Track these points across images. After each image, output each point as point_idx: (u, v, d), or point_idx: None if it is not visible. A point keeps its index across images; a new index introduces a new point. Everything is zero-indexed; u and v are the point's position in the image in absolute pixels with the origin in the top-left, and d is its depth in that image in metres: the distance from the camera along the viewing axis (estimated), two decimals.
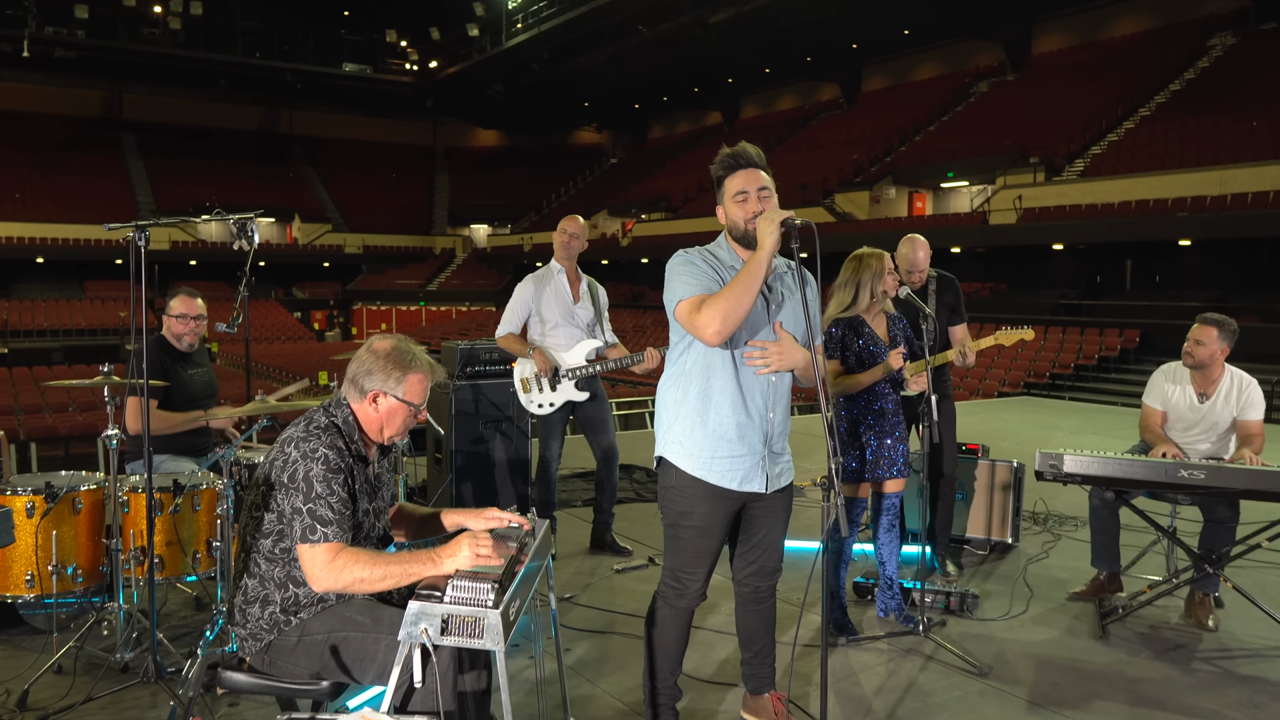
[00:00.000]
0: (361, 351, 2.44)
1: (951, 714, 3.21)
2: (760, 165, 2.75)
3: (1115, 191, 22.23)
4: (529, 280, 4.92)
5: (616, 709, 3.23)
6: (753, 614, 3.01)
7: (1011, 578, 4.69)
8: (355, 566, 2.24)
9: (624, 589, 4.50)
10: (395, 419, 2.43)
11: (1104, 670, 3.60)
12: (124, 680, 3.32)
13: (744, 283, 2.58)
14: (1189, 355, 4.25)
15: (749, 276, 2.59)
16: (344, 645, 2.29)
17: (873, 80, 39.43)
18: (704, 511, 2.74)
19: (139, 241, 3.08)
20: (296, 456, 2.29)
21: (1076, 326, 20.99)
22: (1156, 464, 3.79)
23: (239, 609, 2.39)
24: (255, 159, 47.97)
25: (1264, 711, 3.26)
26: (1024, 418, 10.71)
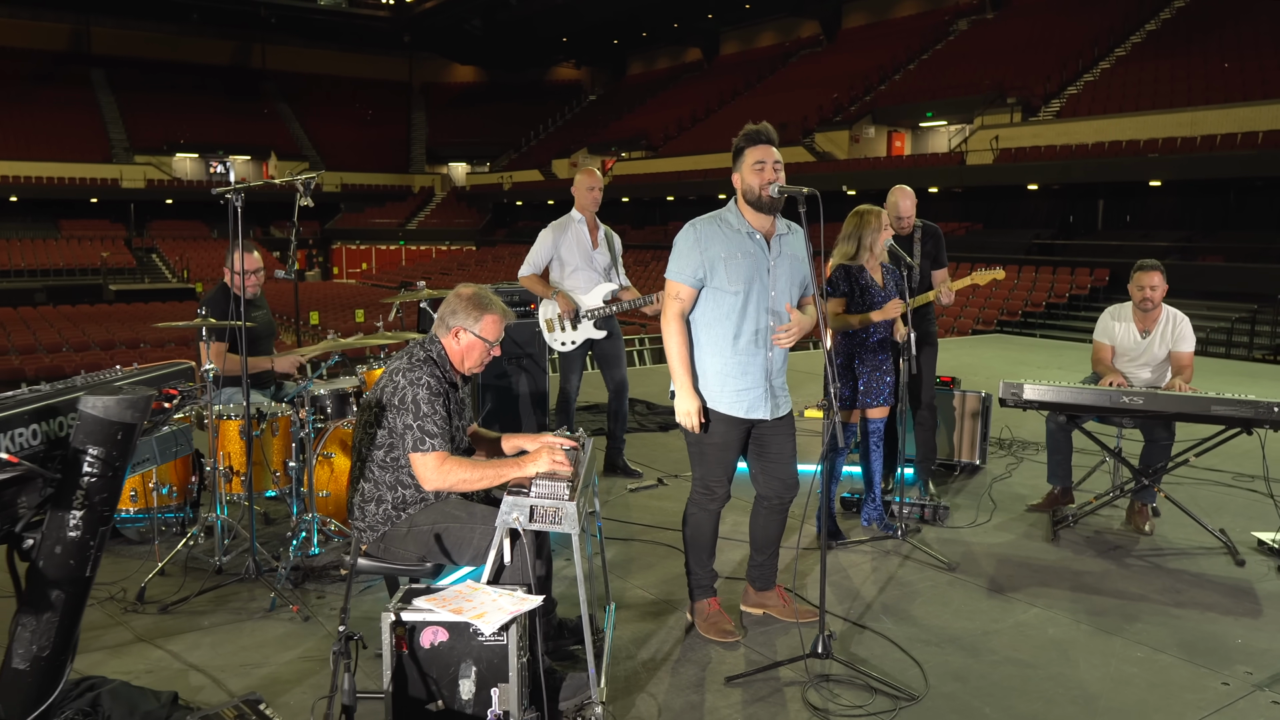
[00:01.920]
0: (450, 296, 2.98)
1: (925, 599, 3.84)
2: (775, 143, 3.28)
3: (1089, 132, 22.73)
4: (552, 227, 5.41)
5: (645, 598, 3.84)
6: (772, 523, 3.56)
7: (978, 493, 5.34)
8: (458, 470, 2.80)
9: (639, 505, 5.09)
10: (473, 352, 2.97)
11: (1052, 565, 4.25)
12: (222, 579, 3.88)
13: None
14: (1149, 301, 4.82)
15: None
16: (445, 533, 2.87)
17: (853, 17, 39.36)
18: (721, 432, 3.32)
19: (236, 203, 3.56)
20: (404, 384, 2.84)
21: (1049, 266, 21.66)
22: (1102, 391, 4.40)
23: (357, 507, 2.95)
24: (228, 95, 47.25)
25: (1183, 595, 3.92)
26: (995, 353, 11.37)
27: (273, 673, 3.16)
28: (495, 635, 2.45)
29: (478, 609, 2.50)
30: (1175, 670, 3.26)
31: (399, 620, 2.46)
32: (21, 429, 1.80)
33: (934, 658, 3.32)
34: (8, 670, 2.00)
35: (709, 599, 3.50)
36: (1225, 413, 4.21)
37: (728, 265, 3.25)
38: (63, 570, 1.93)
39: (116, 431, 1.88)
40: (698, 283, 3.29)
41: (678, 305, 3.32)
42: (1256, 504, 5.13)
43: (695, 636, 3.46)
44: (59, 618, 1.98)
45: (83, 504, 1.89)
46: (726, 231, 3.31)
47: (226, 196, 3.59)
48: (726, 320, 3.28)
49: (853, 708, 2.97)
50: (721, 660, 3.29)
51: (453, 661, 2.48)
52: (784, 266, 3.34)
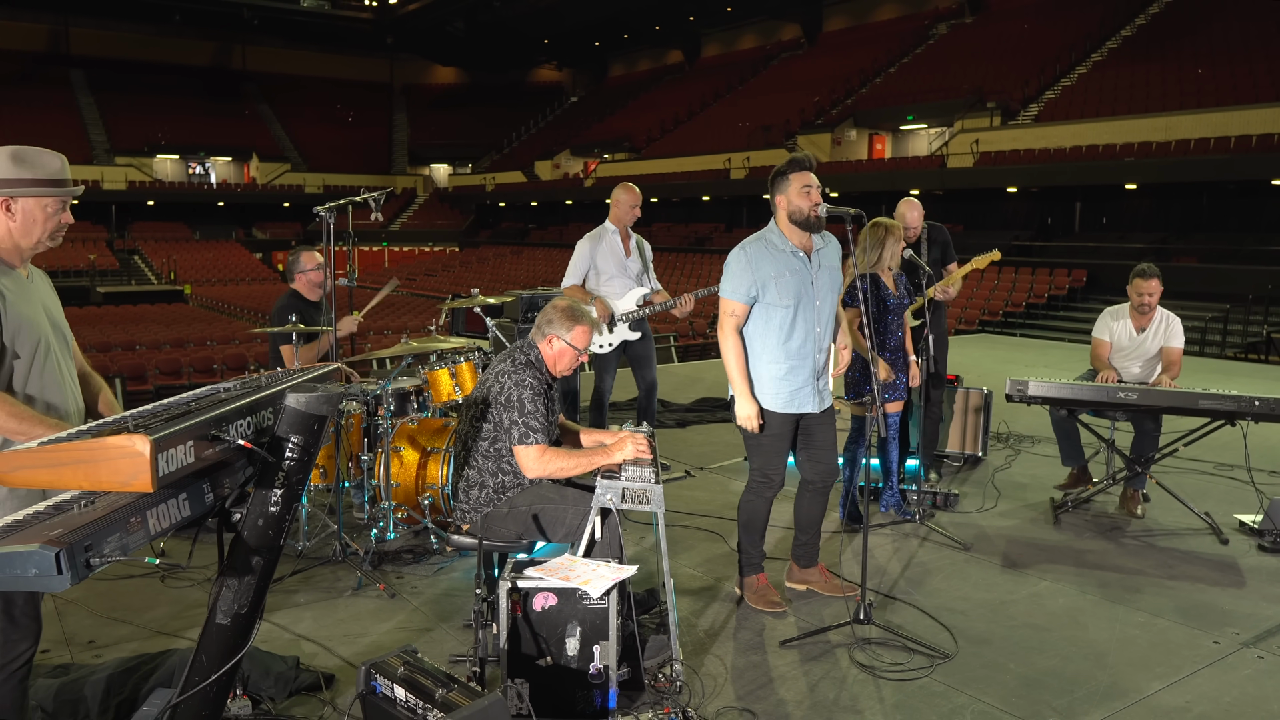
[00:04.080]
0: (548, 306, 3.36)
1: (945, 575, 4.26)
2: (815, 169, 3.69)
3: (1067, 136, 23.36)
4: (587, 238, 5.79)
5: (695, 576, 4.24)
6: (816, 505, 3.97)
7: (982, 482, 5.77)
8: (556, 459, 3.19)
9: (671, 495, 5.48)
10: (564, 358, 3.36)
11: (1057, 545, 4.69)
12: (307, 562, 4.24)
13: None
14: (1147, 306, 5.27)
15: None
16: (542, 513, 3.25)
17: (833, 20, 39.92)
18: (776, 424, 3.73)
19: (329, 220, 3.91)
20: (510, 384, 3.22)
21: (1028, 267, 22.26)
22: (1100, 387, 4.85)
23: (463, 490, 3.32)
24: (209, 96, 47.15)
25: (1175, 569, 4.37)
26: (985, 352, 11.86)
27: (375, 641, 3.52)
28: (599, 599, 2.83)
29: (583, 576, 2.88)
30: (1173, 632, 3.69)
31: (515, 587, 2.84)
32: (240, 420, 2.16)
33: (960, 623, 3.74)
34: (211, 625, 2.36)
35: (758, 574, 3.90)
36: (1211, 406, 4.67)
37: (778, 283, 3.65)
38: (263, 539, 2.29)
39: (313, 423, 2.25)
40: (750, 300, 3.68)
41: (733, 321, 3.71)
42: (1237, 490, 5.60)
43: (745, 608, 3.86)
44: (256, 580, 2.34)
45: (283, 483, 2.25)
46: (773, 252, 3.70)
47: (321, 213, 3.95)
48: (779, 331, 3.68)
49: (895, 664, 3.38)
50: (773, 628, 3.69)
51: (561, 622, 2.86)
52: (825, 278, 3.75)
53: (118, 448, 1.87)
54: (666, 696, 3.04)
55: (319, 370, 2.60)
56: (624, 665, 3.00)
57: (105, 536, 1.83)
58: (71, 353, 2.66)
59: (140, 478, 1.88)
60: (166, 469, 1.93)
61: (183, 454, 1.99)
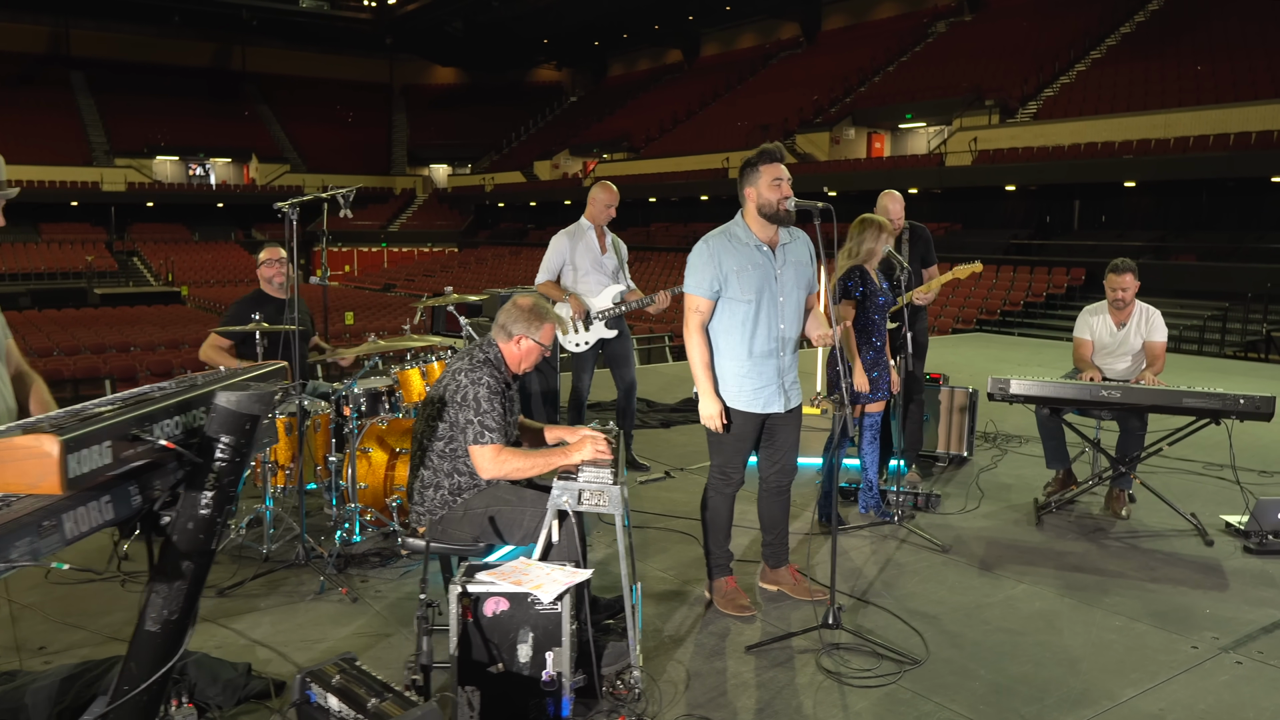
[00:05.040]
0: (509, 305, 3.29)
1: (921, 578, 4.18)
2: (785, 160, 3.61)
3: (1065, 134, 23.26)
4: (564, 234, 5.72)
5: (665, 579, 4.16)
6: (776, 504, 3.90)
7: (966, 483, 5.69)
8: (513, 459, 3.11)
9: (649, 496, 5.41)
10: (530, 356, 3.29)
11: (1037, 547, 4.61)
12: (271, 566, 4.16)
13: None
14: (1121, 301, 5.20)
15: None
16: (499, 516, 3.17)
17: (832, 19, 39.86)
18: (739, 424, 3.65)
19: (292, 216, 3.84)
20: (466, 383, 3.14)
21: (1027, 265, 22.16)
22: (1083, 385, 4.76)
23: (417, 492, 3.25)
24: (208, 97, 47.14)
25: (1157, 571, 4.28)
26: (977, 351, 11.76)
27: (332, 646, 3.44)
28: (551, 604, 2.75)
29: (535, 581, 2.80)
30: (1150, 636, 3.61)
31: (465, 592, 2.76)
32: (167, 420, 2.09)
33: (932, 628, 3.65)
34: (141, 632, 2.28)
35: (726, 577, 3.82)
36: (1196, 404, 4.58)
37: (740, 277, 3.57)
38: (193, 543, 2.21)
39: (245, 422, 2.17)
40: (714, 295, 3.61)
41: (698, 318, 3.63)
42: (1224, 490, 5.51)
43: (714, 612, 3.78)
44: (187, 586, 2.26)
45: (214, 485, 2.17)
46: (736, 245, 3.62)
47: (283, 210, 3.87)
48: (742, 327, 3.60)
49: (862, 671, 3.30)
50: (740, 632, 3.61)
51: (512, 628, 2.78)
52: (790, 273, 3.66)
53: (24, 448, 1.80)
54: (623, 704, 2.96)
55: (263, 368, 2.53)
56: (580, 672, 2.93)
57: (14, 540, 1.76)
58: (4, 352, 2.58)
59: (48, 480, 1.81)
60: (79, 470, 1.85)
61: (98, 455, 1.91)
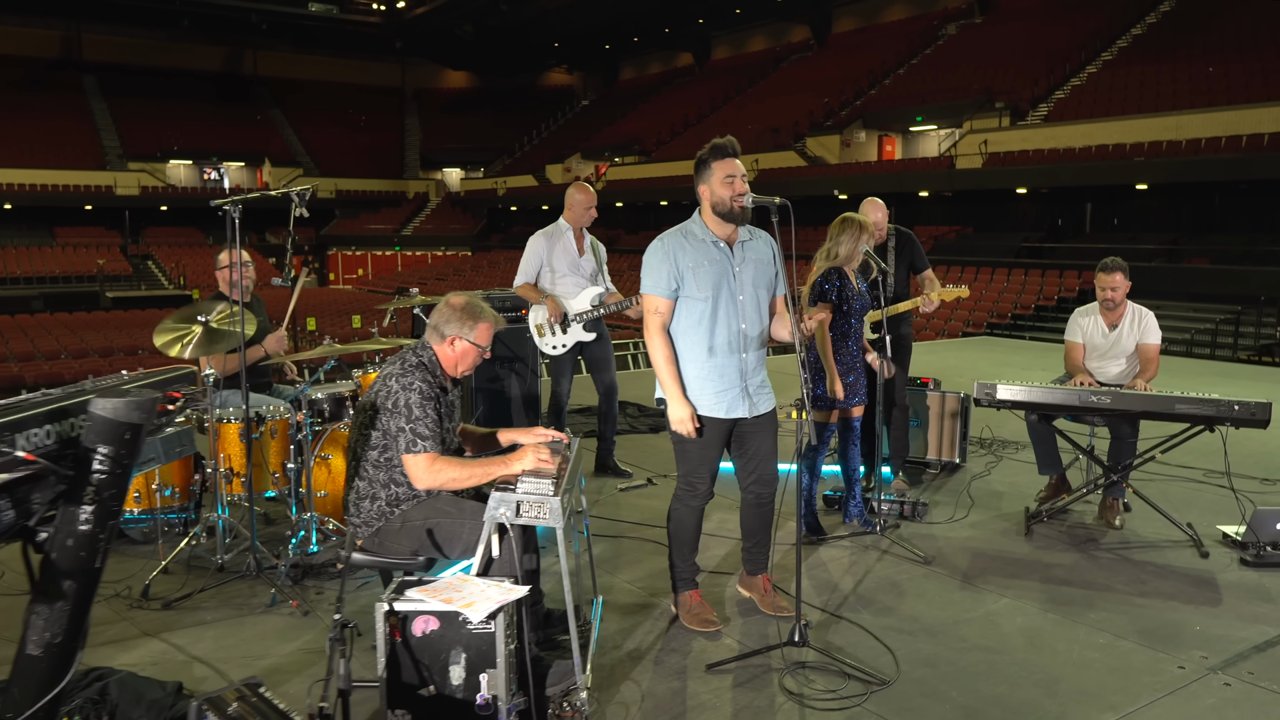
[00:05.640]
0: (441, 305, 3.12)
1: (901, 591, 3.99)
2: (739, 155, 3.44)
3: (1077, 136, 22.97)
4: (541, 235, 5.57)
5: (632, 592, 3.99)
6: (756, 515, 3.72)
7: (957, 491, 5.49)
8: (448, 469, 2.95)
9: (628, 504, 5.24)
10: (467, 358, 3.13)
11: (1024, 558, 4.41)
12: (224, 577, 4.01)
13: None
14: (1110, 301, 5.01)
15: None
16: (437, 528, 3.01)
17: (843, 21, 39.62)
18: (702, 427, 3.47)
19: (234, 214, 3.70)
20: (397, 388, 2.98)
21: (1038, 269, 21.86)
22: (1072, 391, 4.57)
23: (353, 504, 3.09)
24: (220, 101, 47.29)
25: (1147, 585, 4.08)
26: (981, 355, 11.54)
27: (273, 663, 3.30)
28: (483, 623, 2.59)
29: (467, 599, 2.64)
30: (1135, 655, 3.41)
31: (392, 610, 2.60)
32: (36, 429, 1.95)
33: (906, 645, 3.47)
34: (23, 656, 2.13)
35: (691, 591, 3.65)
36: (1188, 411, 4.38)
37: (695, 273, 3.41)
38: (74, 561, 2.07)
39: (124, 431, 2.02)
40: (672, 294, 3.45)
41: (658, 319, 3.47)
42: (1224, 499, 5.28)
43: (679, 628, 3.61)
44: (70, 606, 2.11)
45: (93, 499, 2.03)
46: (692, 242, 3.47)
47: (225, 208, 3.73)
48: (699, 327, 3.44)
49: (826, 692, 3.12)
50: (704, 650, 3.44)
51: (443, 649, 2.62)
52: (749, 271, 3.49)
53: None
54: None
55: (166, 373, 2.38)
56: (521, 694, 2.76)
57: None
58: None
59: None
60: None
61: None
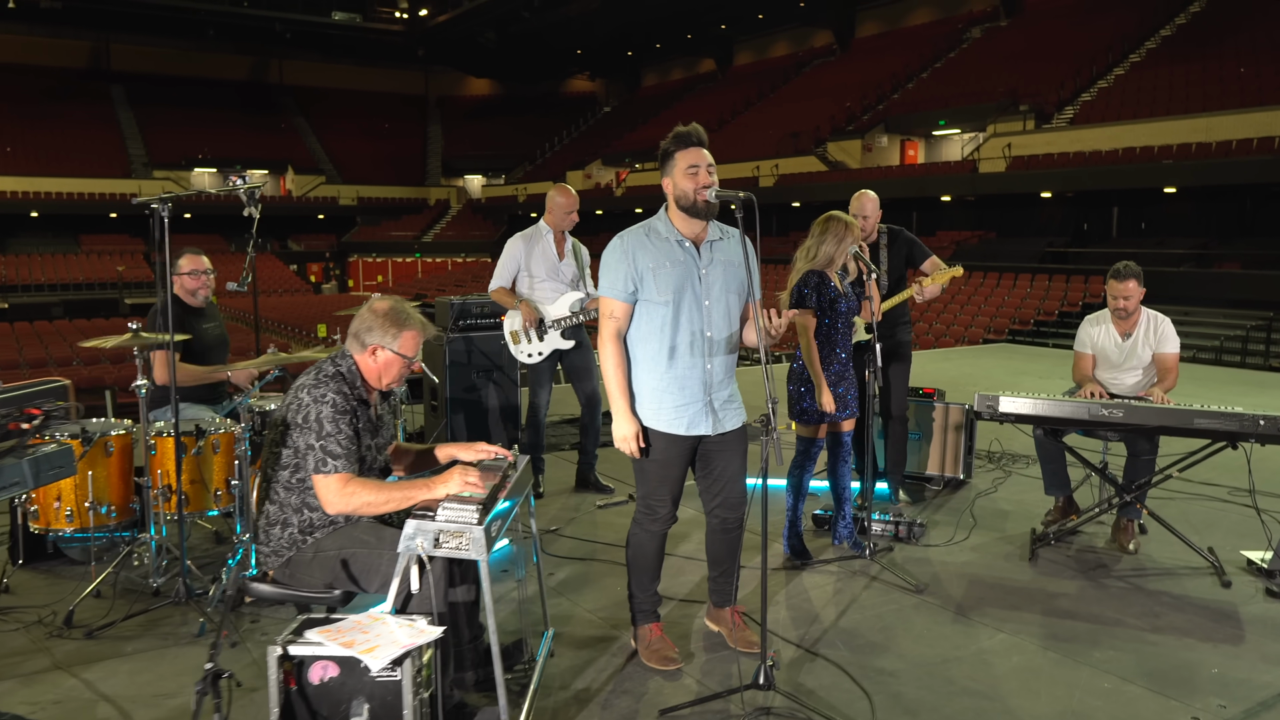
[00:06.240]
0: (363, 310, 2.83)
1: (885, 623, 3.65)
2: (706, 145, 3.14)
3: (1104, 139, 22.41)
4: (519, 238, 5.29)
5: (592, 623, 3.67)
6: (721, 542, 3.41)
7: (959, 510, 5.13)
8: (363, 492, 2.66)
9: (605, 522, 4.93)
10: (391, 369, 2.83)
11: (1026, 587, 4.05)
12: (156, 602, 3.75)
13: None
14: (1123, 311, 4.65)
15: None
16: (353, 559, 2.72)
17: (866, 26, 39.20)
18: (661, 449, 3.17)
19: (162, 213, 3.44)
20: (308, 401, 2.70)
21: (1062, 274, 21.31)
22: (1081, 404, 4.20)
23: (263, 530, 2.81)
24: (246, 109, 47.63)
25: (1161, 619, 3.71)
26: (998, 363, 11.13)
27: (184, 703, 3.01)
28: (388, 670, 2.29)
29: (371, 642, 2.34)
30: (1142, 703, 3.05)
31: (286, 654, 2.31)
32: None
33: (886, 689, 3.13)
34: None
35: (651, 624, 3.34)
36: (1209, 426, 4.01)
37: (656, 275, 3.11)
38: None
39: None
40: (629, 297, 3.15)
41: (612, 324, 3.18)
42: (1250, 520, 4.89)
43: (637, 664, 3.30)
44: None
45: None
46: (655, 241, 3.17)
47: (153, 206, 3.47)
48: (660, 333, 3.14)
49: None
50: (660, 691, 3.12)
51: (344, 699, 2.33)
52: (717, 273, 3.18)
53: None
54: None
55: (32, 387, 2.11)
56: None
57: None
58: None
59: None
60: None
61: None
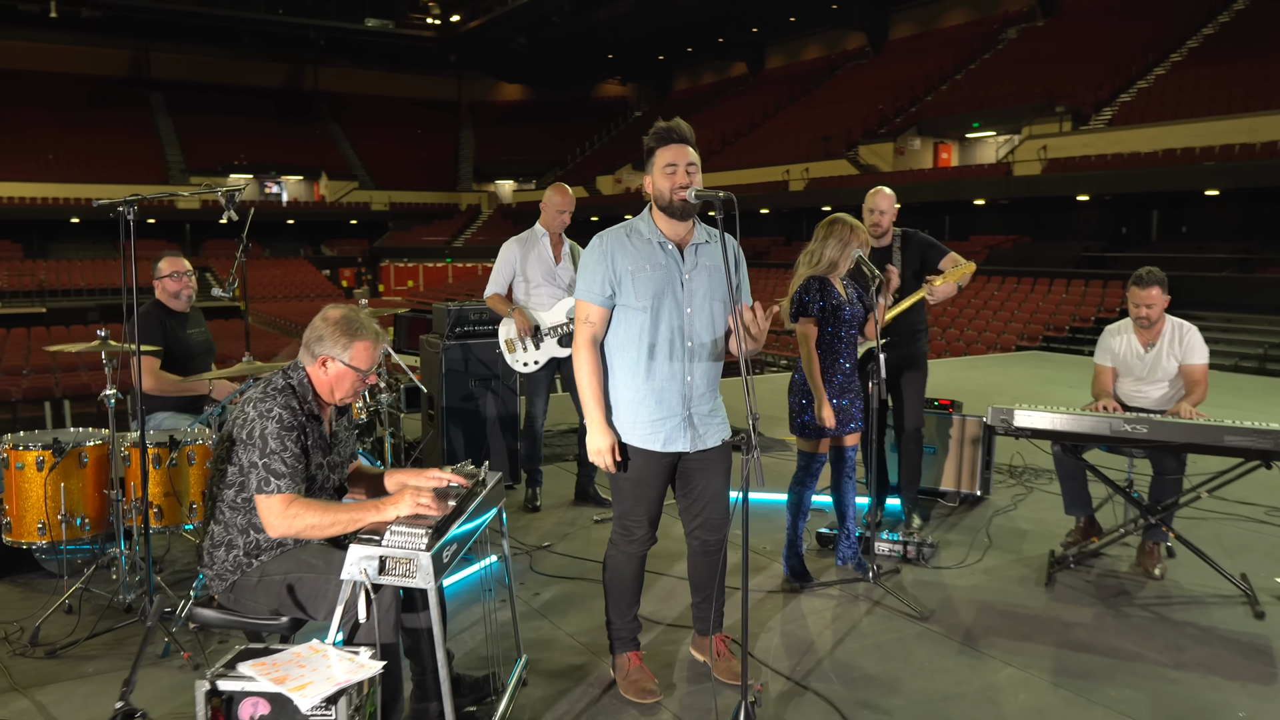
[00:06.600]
0: (315, 319, 2.66)
1: (885, 654, 3.43)
2: (691, 143, 2.96)
3: (1143, 140, 21.86)
4: (514, 242, 5.13)
5: (573, 648, 3.48)
6: (703, 565, 3.21)
7: (975, 529, 4.88)
8: (307, 514, 2.49)
9: (600, 539, 4.73)
10: (343, 382, 2.66)
11: (1040, 615, 3.79)
12: (126, 619, 3.62)
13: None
14: (1145, 320, 4.37)
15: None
16: (299, 585, 2.55)
17: (900, 28, 38.75)
18: (636, 466, 2.98)
19: (128, 215, 3.31)
20: (254, 415, 2.54)
21: (1099, 279, 20.78)
22: (1100, 419, 3.94)
23: (207, 552, 2.65)
24: (281, 116, 48.19)
25: (1185, 654, 3.44)
26: (1028, 372, 10.79)
27: None
28: (320, 710, 2.12)
29: (305, 677, 2.18)
30: None
31: (215, 689, 2.15)
32: None
33: None
34: None
35: (629, 653, 3.15)
36: (1240, 443, 3.73)
37: (635, 279, 2.93)
38: None
39: None
40: (607, 301, 2.97)
41: (588, 330, 3.00)
42: None
43: (614, 696, 3.11)
44: None
45: None
46: (636, 242, 3.00)
47: (118, 209, 3.34)
48: (637, 341, 2.95)
49: None
50: None
51: None
52: (701, 279, 2.99)
53: None
54: None
55: None
56: None
57: None
58: None
59: None
60: None
61: None
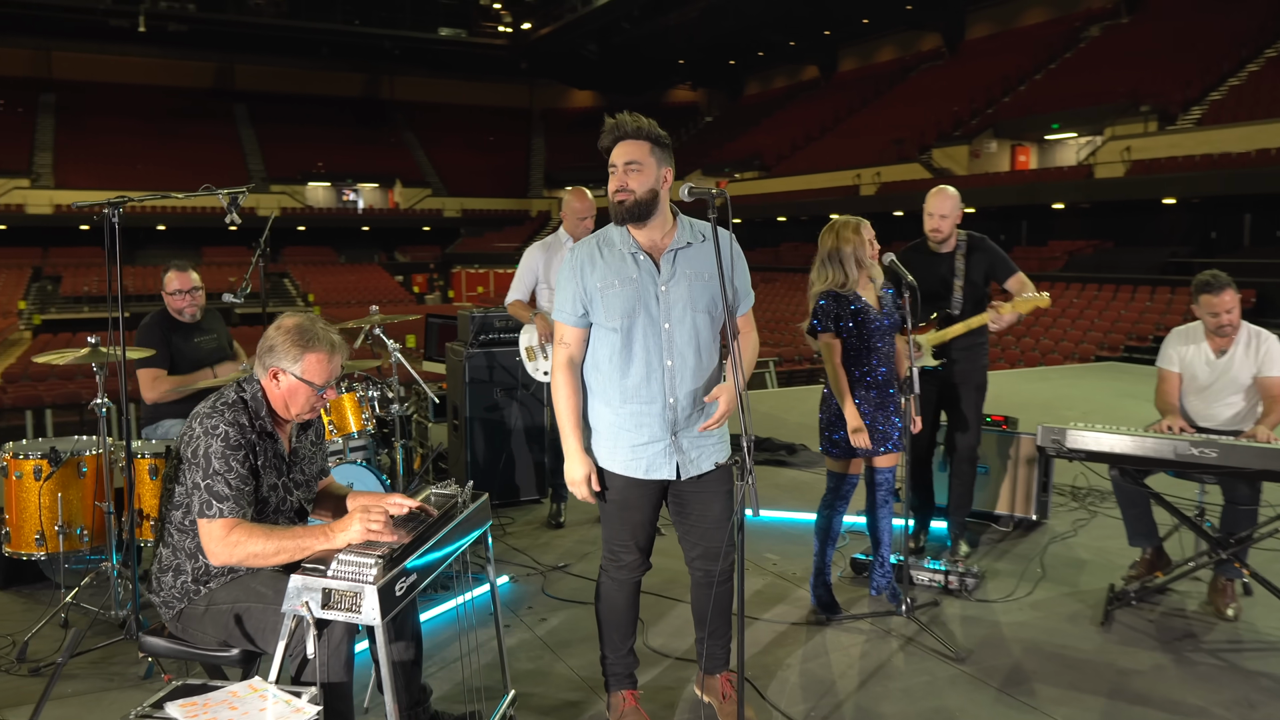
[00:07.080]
0: (269, 327, 2.47)
1: (912, 699, 3.10)
2: (638, 136, 2.67)
3: (1235, 140, 20.75)
4: (537, 247, 4.93)
5: (569, 682, 3.25)
6: (704, 597, 2.94)
7: (1028, 557, 4.49)
8: (249, 541, 2.29)
9: None
10: (297, 397, 2.44)
11: (1092, 659, 3.42)
12: (115, 635, 3.50)
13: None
14: (1229, 327, 3.96)
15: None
16: (247, 615, 2.36)
17: (977, 28, 37.72)
18: (619, 489, 2.75)
19: (113, 218, 3.19)
20: (199, 432, 2.35)
21: (1186, 286, 19.72)
22: (1164, 440, 3.54)
23: (155, 577, 2.48)
24: (358, 125, 49.26)
25: (1258, 711, 3.04)
26: (1103, 384, 10.19)
27: None
28: None
29: None
30: None
31: None
32: None
33: None
34: None
35: (624, 691, 2.90)
36: None
37: (605, 295, 2.68)
38: None
39: None
40: (581, 320, 2.74)
41: (564, 352, 2.77)
42: None
43: None
44: None
45: None
46: (607, 255, 2.73)
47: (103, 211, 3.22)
48: (610, 363, 2.71)
49: None
50: None
51: None
52: (680, 290, 2.71)
53: None
54: None
55: None
56: None
57: None
58: None
59: None
60: None
61: None
